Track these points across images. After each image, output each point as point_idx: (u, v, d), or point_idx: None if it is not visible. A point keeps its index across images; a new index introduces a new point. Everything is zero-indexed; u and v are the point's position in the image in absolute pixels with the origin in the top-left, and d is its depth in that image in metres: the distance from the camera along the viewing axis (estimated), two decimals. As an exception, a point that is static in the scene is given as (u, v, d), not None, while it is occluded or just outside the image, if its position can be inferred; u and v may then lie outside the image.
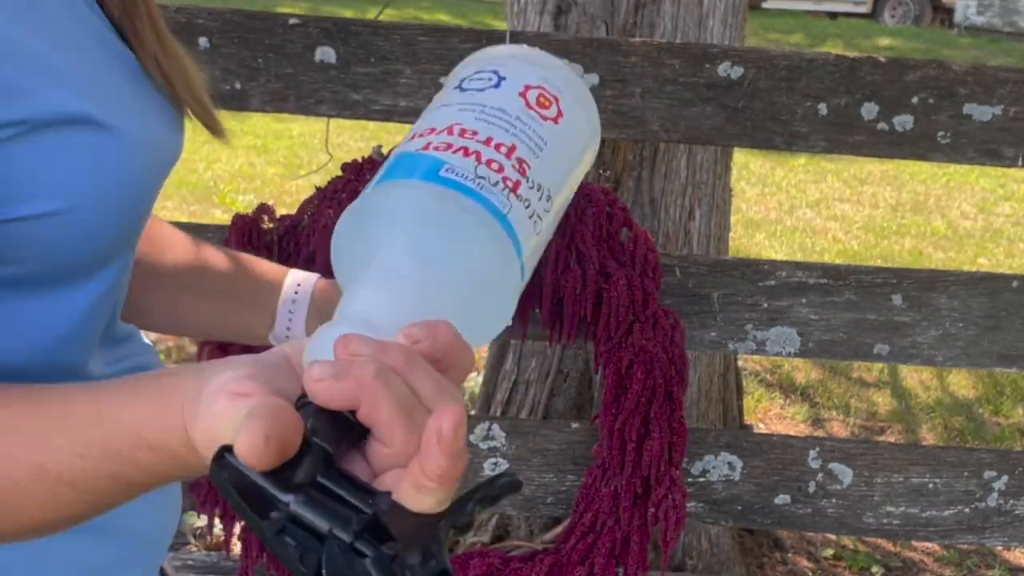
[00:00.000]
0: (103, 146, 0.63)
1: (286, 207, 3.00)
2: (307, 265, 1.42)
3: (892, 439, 3.33)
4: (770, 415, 3.44)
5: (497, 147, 0.67)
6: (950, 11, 14.44)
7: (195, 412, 0.53)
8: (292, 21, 1.48)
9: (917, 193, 6.71)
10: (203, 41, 1.46)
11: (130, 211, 0.68)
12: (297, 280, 0.92)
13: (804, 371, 3.76)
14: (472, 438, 1.58)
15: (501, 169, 0.65)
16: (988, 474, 1.62)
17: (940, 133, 1.53)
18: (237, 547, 1.54)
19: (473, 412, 2.80)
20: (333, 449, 0.49)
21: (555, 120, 0.71)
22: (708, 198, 2.21)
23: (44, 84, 0.61)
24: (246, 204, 4.95)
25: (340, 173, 1.51)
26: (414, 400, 0.50)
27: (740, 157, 6.81)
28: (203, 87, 0.78)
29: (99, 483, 0.57)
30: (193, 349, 3.07)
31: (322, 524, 0.46)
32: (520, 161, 0.67)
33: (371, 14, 1.98)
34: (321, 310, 0.91)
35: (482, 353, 3.60)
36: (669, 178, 2.16)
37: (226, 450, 0.48)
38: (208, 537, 2.11)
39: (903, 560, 2.70)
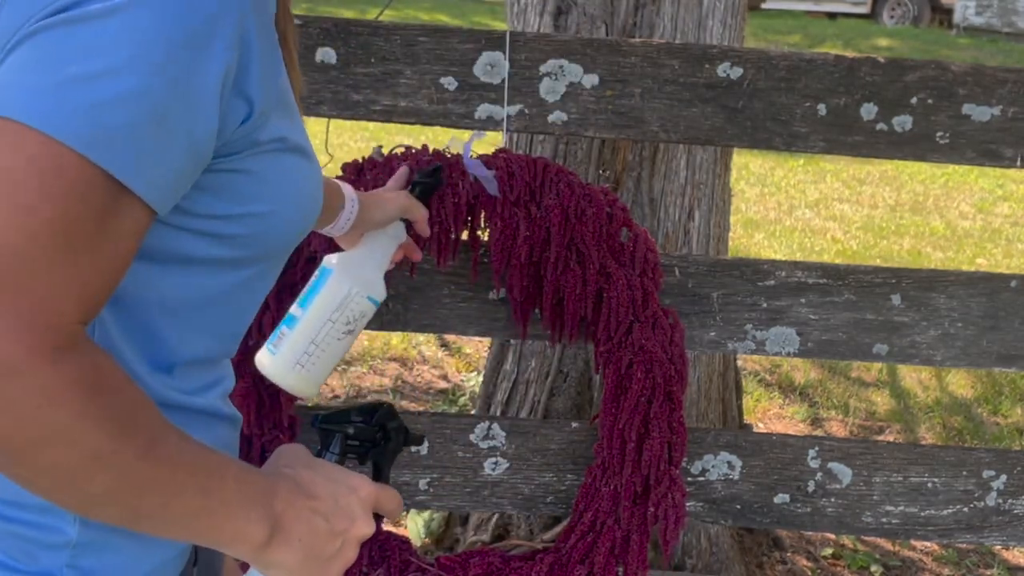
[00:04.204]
0: (305, 169, 0.86)
1: (286, 207, 2.99)
2: (308, 265, 1.42)
3: (891, 439, 3.33)
4: (769, 415, 3.44)
5: None
6: (949, 11, 14.44)
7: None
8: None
9: (916, 193, 6.72)
10: (204, 42, 1.46)
11: (311, 217, 0.89)
12: (351, 192, 1.24)
13: (803, 371, 3.77)
14: (472, 438, 1.59)
15: None
16: (987, 473, 1.63)
17: (939, 133, 1.53)
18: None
19: (473, 412, 2.80)
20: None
21: None
22: (708, 198, 2.21)
23: (295, 115, 0.86)
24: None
25: (340, 173, 1.51)
26: None
27: (740, 157, 6.81)
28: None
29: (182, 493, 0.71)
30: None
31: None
32: None
33: (371, 14, 1.98)
34: (361, 219, 1.25)
35: (482, 353, 3.60)
36: (669, 178, 2.17)
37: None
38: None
39: (902, 559, 2.71)
